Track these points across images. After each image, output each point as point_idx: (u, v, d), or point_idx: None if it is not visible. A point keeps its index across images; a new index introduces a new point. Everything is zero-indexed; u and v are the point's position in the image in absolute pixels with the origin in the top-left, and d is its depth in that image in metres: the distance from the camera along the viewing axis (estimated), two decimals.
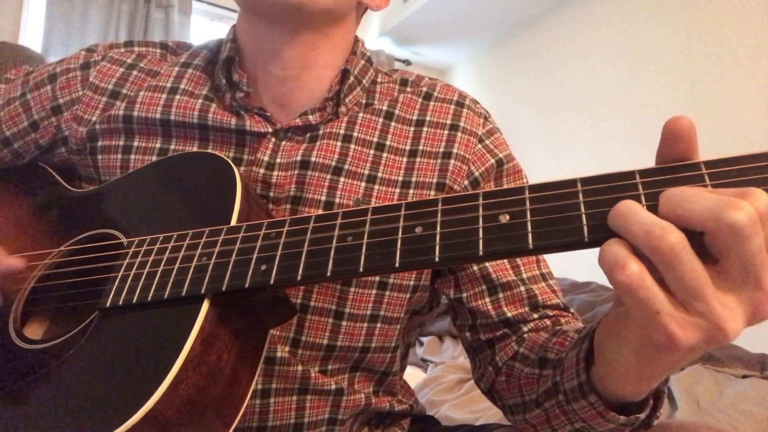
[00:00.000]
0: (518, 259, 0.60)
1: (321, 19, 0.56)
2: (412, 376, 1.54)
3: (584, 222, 0.30)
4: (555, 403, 0.45)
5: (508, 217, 0.32)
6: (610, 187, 0.30)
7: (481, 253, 0.31)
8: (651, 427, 0.43)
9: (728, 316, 0.27)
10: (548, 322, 0.57)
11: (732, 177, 0.28)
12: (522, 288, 0.58)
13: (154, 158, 0.57)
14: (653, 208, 0.28)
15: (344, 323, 0.54)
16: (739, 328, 0.27)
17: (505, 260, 0.59)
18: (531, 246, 0.30)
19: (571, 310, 0.60)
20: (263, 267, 0.37)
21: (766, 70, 2.00)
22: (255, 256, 0.38)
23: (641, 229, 0.27)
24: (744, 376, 1.33)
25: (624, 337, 0.33)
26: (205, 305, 0.38)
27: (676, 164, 0.30)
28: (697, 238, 0.27)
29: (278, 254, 0.38)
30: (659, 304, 0.27)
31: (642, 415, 0.40)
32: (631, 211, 0.28)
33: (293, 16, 0.54)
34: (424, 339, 1.84)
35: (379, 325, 0.55)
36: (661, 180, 0.30)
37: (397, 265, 0.33)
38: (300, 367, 0.53)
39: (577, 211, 0.30)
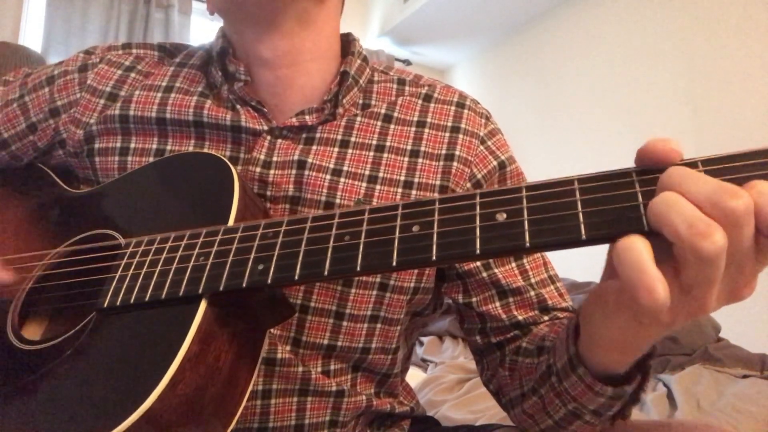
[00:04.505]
0: (526, 264, 0.60)
1: (300, 5, 0.56)
2: (412, 376, 1.53)
3: (581, 220, 0.30)
4: (549, 386, 0.46)
5: (505, 215, 0.32)
6: (607, 185, 0.30)
7: (478, 251, 0.31)
8: (638, 402, 0.43)
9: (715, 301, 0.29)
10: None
11: (729, 174, 0.28)
12: (532, 293, 0.58)
13: (152, 159, 0.56)
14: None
15: (344, 323, 0.54)
16: (716, 308, 0.29)
17: (514, 266, 0.59)
18: (528, 244, 0.30)
19: None
20: (261, 267, 0.37)
21: (766, 70, 2.00)
22: (252, 255, 0.38)
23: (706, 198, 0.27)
24: (744, 376, 1.33)
25: (613, 307, 0.33)
26: (203, 305, 0.38)
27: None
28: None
29: (275, 254, 0.37)
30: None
31: (629, 388, 0.40)
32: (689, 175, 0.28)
33: (272, 5, 0.54)
34: (424, 339, 1.84)
35: (379, 325, 0.55)
36: (657, 178, 0.29)
37: (394, 264, 0.33)
38: (301, 368, 0.53)
39: (574, 210, 0.30)
